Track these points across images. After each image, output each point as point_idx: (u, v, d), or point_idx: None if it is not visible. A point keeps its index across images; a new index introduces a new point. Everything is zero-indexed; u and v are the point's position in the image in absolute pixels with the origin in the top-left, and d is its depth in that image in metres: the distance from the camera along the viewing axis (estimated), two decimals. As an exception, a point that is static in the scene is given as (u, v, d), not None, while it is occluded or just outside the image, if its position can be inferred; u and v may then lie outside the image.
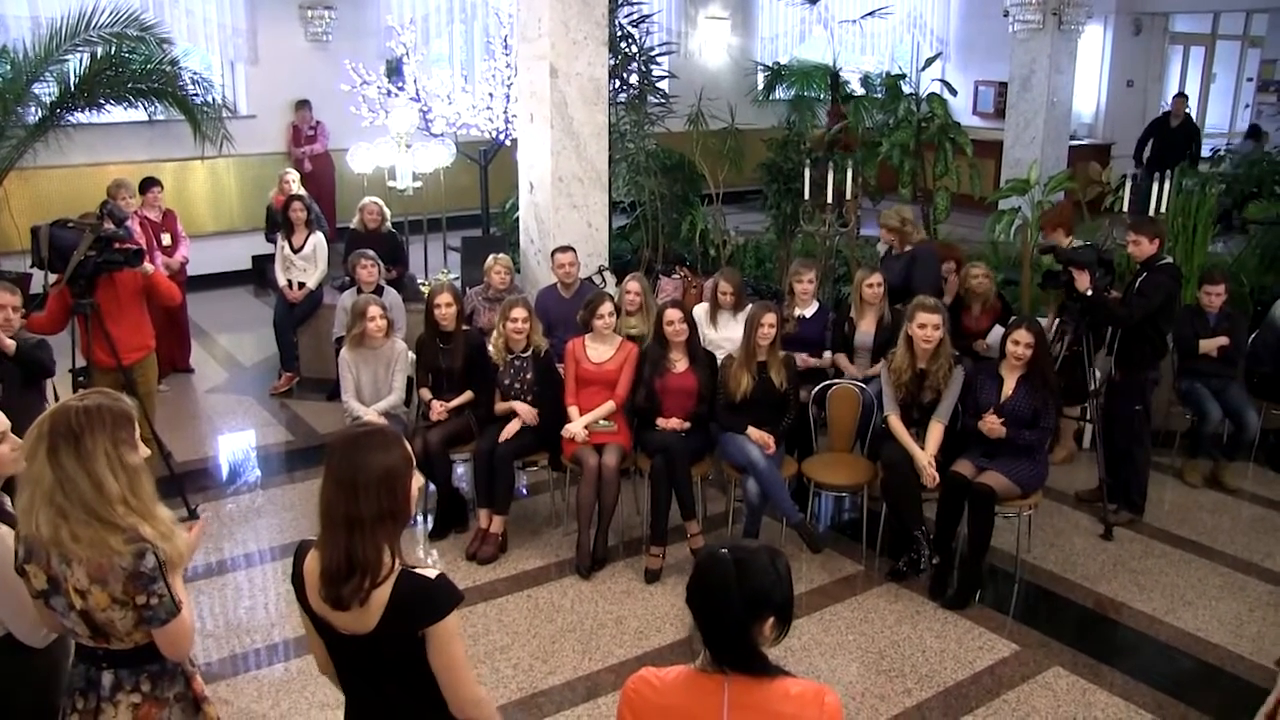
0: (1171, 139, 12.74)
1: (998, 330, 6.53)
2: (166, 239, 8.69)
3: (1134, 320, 6.14)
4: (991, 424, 5.54)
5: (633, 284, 6.96)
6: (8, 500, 3.09)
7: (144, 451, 2.82)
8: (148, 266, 6.37)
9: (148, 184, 8.70)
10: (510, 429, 6.02)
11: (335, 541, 2.48)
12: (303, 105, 12.00)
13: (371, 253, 7.59)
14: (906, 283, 6.87)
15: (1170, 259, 6.39)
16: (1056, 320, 6.70)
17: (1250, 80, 16.76)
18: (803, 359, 6.47)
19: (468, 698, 2.60)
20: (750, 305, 6.20)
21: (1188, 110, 13.38)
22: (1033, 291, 7.75)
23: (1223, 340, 6.93)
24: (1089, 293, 6.16)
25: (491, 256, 7.49)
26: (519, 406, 6.10)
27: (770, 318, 5.83)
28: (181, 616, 2.77)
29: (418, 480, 2.63)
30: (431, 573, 2.57)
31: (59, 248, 5.96)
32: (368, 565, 2.47)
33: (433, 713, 2.60)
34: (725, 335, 6.63)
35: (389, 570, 2.50)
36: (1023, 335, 5.56)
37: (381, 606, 2.50)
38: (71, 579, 2.67)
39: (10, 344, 5.31)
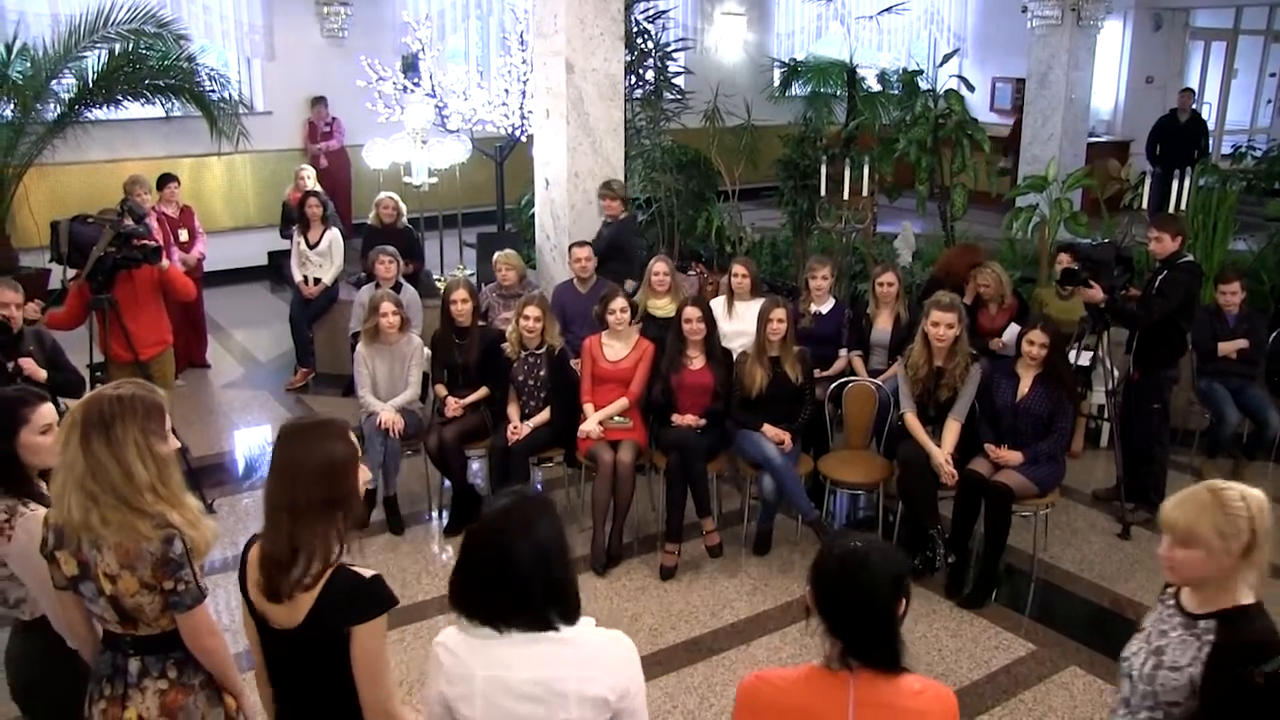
0: (1181, 135, 12.61)
1: (1013, 328, 6.50)
2: (184, 235, 8.72)
3: (1152, 321, 6.10)
4: (1004, 456, 5.53)
5: (659, 264, 6.97)
6: (44, 485, 3.16)
7: (173, 443, 2.89)
8: (164, 262, 6.39)
9: (165, 180, 8.73)
10: (522, 431, 6.02)
11: (276, 530, 2.52)
12: (319, 101, 12.03)
13: (392, 249, 7.58)
14: (611, 250, 7.44)
15: (1191, 257, 6.34)
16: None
17: (1273, 76, 16.58)
18: (817, 372, 6.42)
19: (379, 709, 2.57)
20: (762, 300, 6.19)
21: (1194, 106, 13.25)
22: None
23: (1242, 343, 6.86)
24: (1101, 305, 6.12)
25: (497, 254, 7.48)
26: (515, 416, 6.12)
27: (780, 312, 5.82)
28: (205, 605, 2.85)
29: (364, 474, 2.65)
30: (368, 572, 2.57)
31: (78, 243, 6.01)
32: (308, 553, 2.50)
33: (357, 715, 2.59)
34: (738, 329, 6.61)
35: (328, 563, 2.53)
36: (1038, 336, 5.53)
37: (312, 600, 2.51)
38: (101, 564, 2.74)
39: (41, 374, 5.33)
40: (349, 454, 2.58)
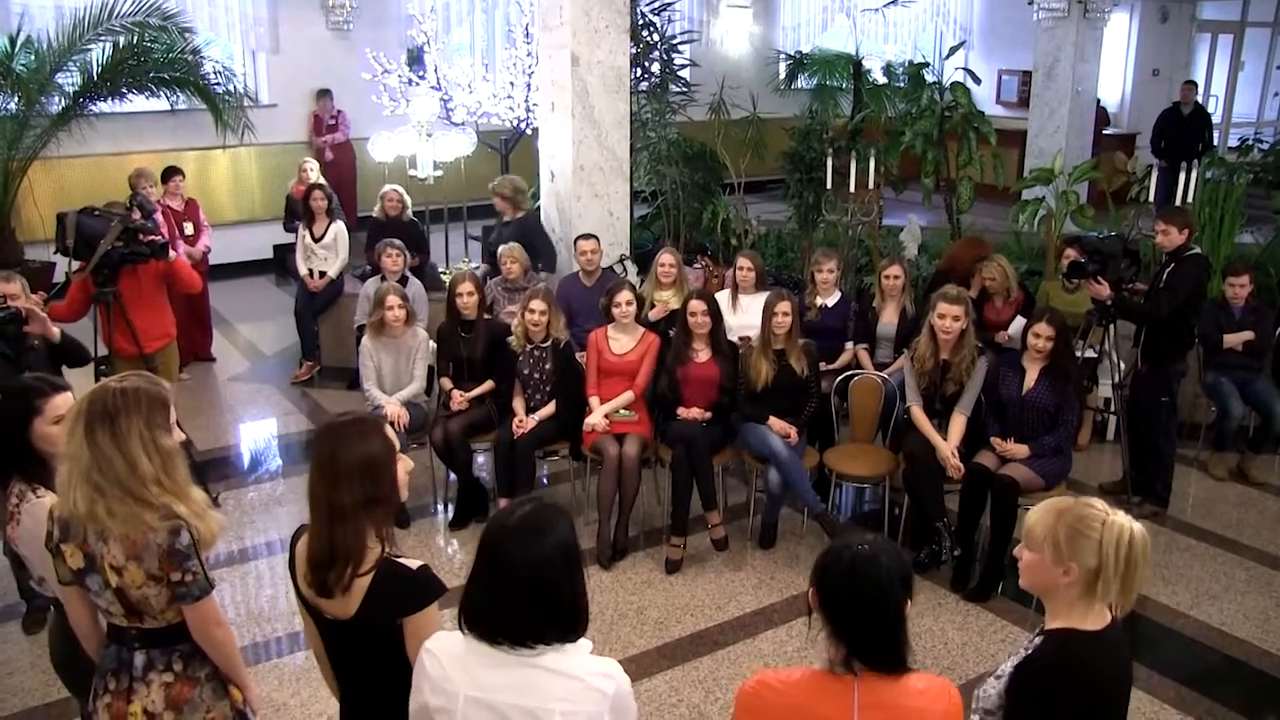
0: (1185, 128, 12.62)
1: (1019, 321, 6.48)
2: (189, 228, 8.72)
3: (1161, 317, 6.06)
4: (1010, 449, 5.53)
5: (666, 256, 6.99)
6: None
7: (178, 435, 2.90)
8: (169, 254, 6.39)
9: (170, 173, 8.72)
10: (528, 424, 6.00)
11: (319, 529, 2.53)
12: (324, 95, 12.01)
13: (398, 242, 7.56)
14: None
15: (1198, 249, 6.32)
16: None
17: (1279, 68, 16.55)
18: (823, 365, 6.40)
19: None
20: (767, 293, 6.18)
21: (1197, 98, 13.24)
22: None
23: (1247, 335, 6.85)
24: (1108, 301, 6.11)
25: (502, 247, 7.47)
26: (520, 409, 6.12)
27: (784, 305, 5.81)
28: (212, 597, 2.85)
29: (405, 465, 2.65)
30: (414, 563, 2.60)
31: (85, 235, 5.99)
32: (350, 553, 2.51)
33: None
34: (743, 322, 6.60)
35: (374, 557, 2.54)
36: (1043, 328, 5.52)
37: (362, 594, 2.53)
38: (108, 556, 2.73)
39: (55, 332, 5.36)
40: (387, 450, 2.58)
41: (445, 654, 2.31)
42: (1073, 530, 2.44)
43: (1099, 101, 14.15)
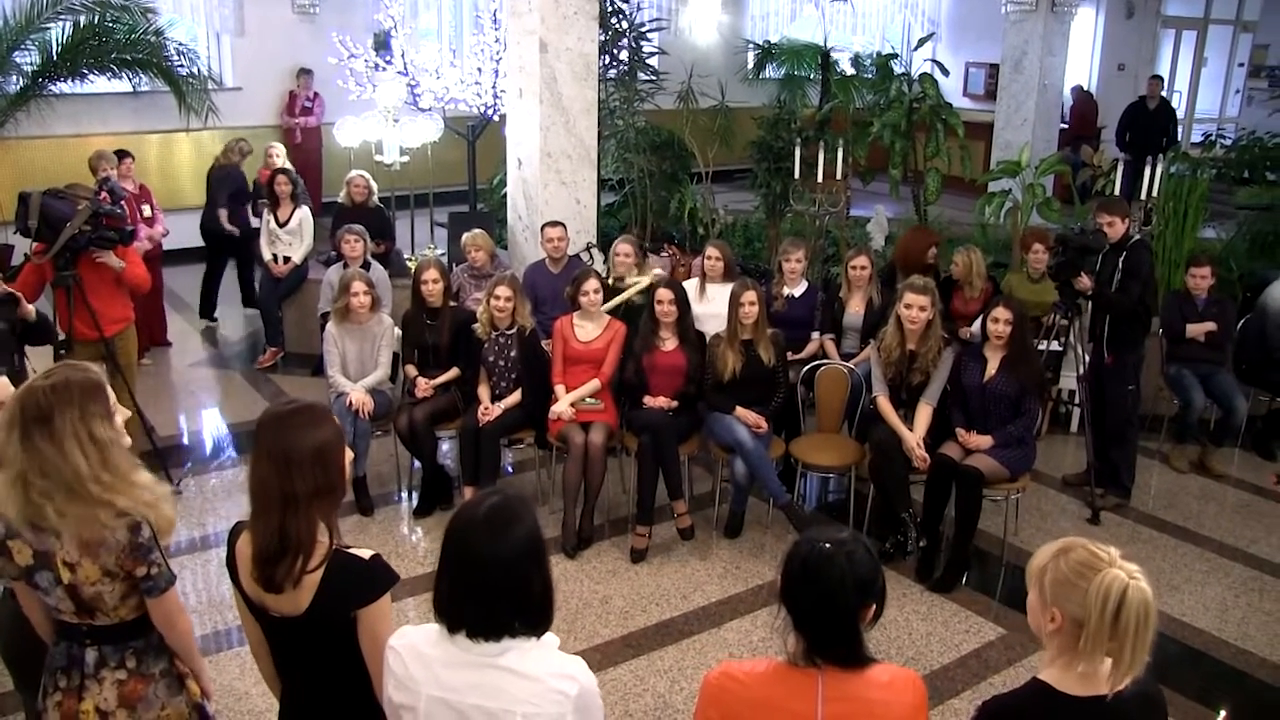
0: (1151, 121, 12.78)
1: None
2: (145, 211, 8.58)
3: (1134, 303, 6.13)
4: (973, 440, 5.56)
5: (623, 245, 6.99)
6: None
7: (124, 413, 2.80)
8: (116, 262, 6.20)
9: (119, 156, 8.58)
10: (493, 412, 5.97)
11: (269, 521, 2.45)
12: (304, 74, 11.85)
13: (358, 228, 7.49)
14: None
15: (1138, 235, 6.41)
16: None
17: (1241, 65, 16.74)
18: (789, 355, 6.40)
19: None
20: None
21: (1162, 93, 13.40)
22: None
23: (1210, 326, 6.92)
24: (1089, 292, 6.16)
25: (466, 234, 7.41)
26: (485, 397, 6.09)
27: (751, 295, 5.80)
28: (175, 587, 2.79)
29: (348, 454, 2.61)
30: (366, 553, 2.55)
31: (49, 217, 5.84)
32: (301, 545, 2.45)
33: (366, 695, 2.56)
34: (711, 311, 6.59)
35: (324, 550, 2.49)
36: (1000, 313, 5.57)
37: (313, 588, 2.48)
38: (61, 552, 2.65)
39: (30, 310, 5.23)
40: (337, 438, 2.53)
41: (409, 652, 2.28)
42: (1062, 574, 2.22)
43: (1092, 95, 14.36)
